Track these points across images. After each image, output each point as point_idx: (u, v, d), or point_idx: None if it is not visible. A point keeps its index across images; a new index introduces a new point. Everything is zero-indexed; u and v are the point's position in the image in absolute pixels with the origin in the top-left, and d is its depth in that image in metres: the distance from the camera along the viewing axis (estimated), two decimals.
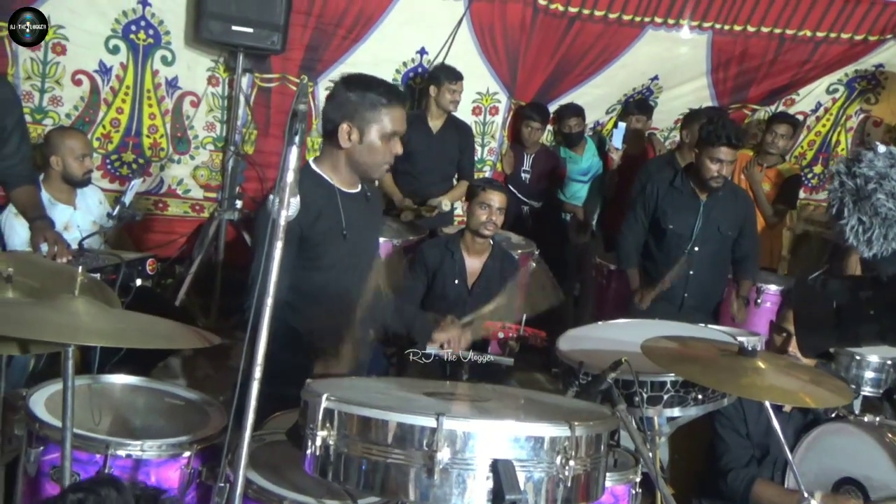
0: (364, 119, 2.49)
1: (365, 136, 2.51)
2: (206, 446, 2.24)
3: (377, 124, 2.50)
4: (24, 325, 1.84)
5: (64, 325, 1.82)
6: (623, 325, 3.34)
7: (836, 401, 2.32)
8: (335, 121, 2.51)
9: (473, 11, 5.34)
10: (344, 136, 2.51)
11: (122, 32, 4.83)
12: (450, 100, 5.09)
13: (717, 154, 4.13)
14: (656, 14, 5.62)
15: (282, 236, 1.73)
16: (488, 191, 3.99)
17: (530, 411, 1.98)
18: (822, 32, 5.84)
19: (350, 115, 2.49)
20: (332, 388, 1.80)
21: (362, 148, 2.52)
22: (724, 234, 4.36)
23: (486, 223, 3.96)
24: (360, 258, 2.65)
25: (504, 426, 1.61)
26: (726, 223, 4.35)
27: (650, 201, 4.42)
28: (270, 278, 1.71)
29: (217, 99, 5.16)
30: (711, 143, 4.12)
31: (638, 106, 5.94)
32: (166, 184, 5.20)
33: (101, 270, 3.30)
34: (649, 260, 4.48)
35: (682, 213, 4.33)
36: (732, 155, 4.14)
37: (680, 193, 4.35)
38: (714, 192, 4.27)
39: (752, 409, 2.91)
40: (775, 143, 5.47)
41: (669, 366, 2.40)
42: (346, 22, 5.15)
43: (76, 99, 4.85)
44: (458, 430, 1.59)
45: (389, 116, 2.50)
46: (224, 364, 4.56)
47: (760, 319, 4.67)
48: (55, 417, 2.17)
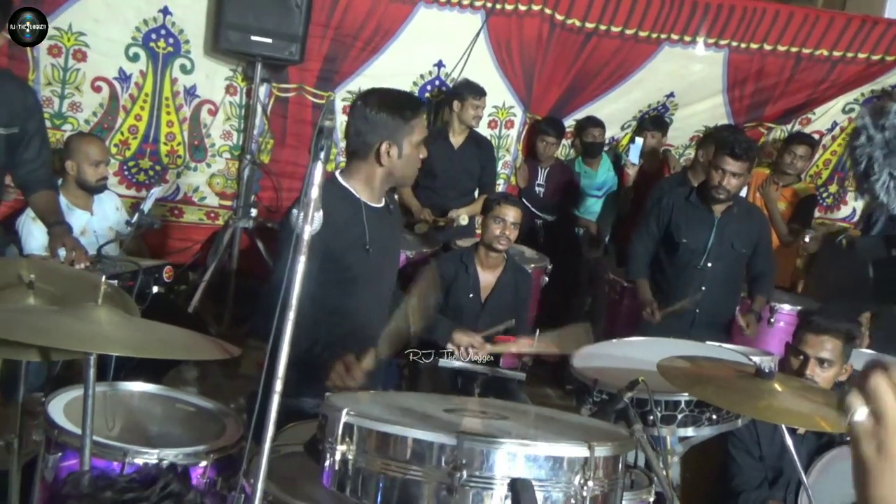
0: (399, 135, 2.56)
1: (403, 150, 2.58)
2: (222, 456, 2.25)
3: (408, 136, 2.58)
4: (48, 334, 1.86)
5: (87, 334, 1.84)
6: (637, 343, 3.34)
7: None
8: (372, 142, 2.57)
9: (491, 25, 5.37)
10: (385, 156, 2.57)
11: (142, 40, 4.87)
12: (473, 115, 5.12)
13: (721, 162, 4.13)
14: (673, 31, 5.64)
15: (305, 251, 1.75)
16: (503, 205, 4.00)
17: (548, 430, 1.99)
18: (839, 52, 5.85)
19: (388, 134, 2.56)
20: (351, 402, 1.81)
21: (401, 162, 2.60)
22: (737, 250, 4.36)
23: (500, 237, 3.97)
24: (382, 272, 2.68)
25: (523, 446, 1.62)
26: (740, 240, 4.35)
27: (664, 214, 4.43)
28: (293, 292, 1.73)
29: (234, 108, 5.20)
30: (717, 150, 4.21)
31: (653, 122, 5.95)
32: (182, 191, 5.24)
33: (118, 277, 3.32)
34: (661, 274, 4.47)
35: (695, 227, 4.33)
36: (736, 167, 4.11)
37: (695, 208, 4.35)
38: (728, 209, 4.27)
39: (766, 431, 2.91)
40: (793, 164, 5.46)
41: (686, 386, 2.40)
42: (363, 34, 5.19)
43: (95, 105, 4.89)
44: (477, 448, 1.59)
45: (417, 127, 2.60)
46: (235, 372, 4.58)
47: (773, 339, 4.66)
48: (74, 424, 2.19)
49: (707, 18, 5.61)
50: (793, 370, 2.94)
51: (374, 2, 5.12)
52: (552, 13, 5.40)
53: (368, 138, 2.56)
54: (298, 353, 1.83)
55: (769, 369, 2.35)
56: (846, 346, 2.96)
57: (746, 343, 4.17)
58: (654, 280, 4.47)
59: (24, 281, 2.39)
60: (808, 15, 5.82)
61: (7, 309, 2.21)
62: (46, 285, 2.45)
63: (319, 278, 2.45)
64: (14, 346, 2.08)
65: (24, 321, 1.97)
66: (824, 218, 6.50)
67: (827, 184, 6.51)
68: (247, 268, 5.19)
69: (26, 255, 3.85)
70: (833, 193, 6.54)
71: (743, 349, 3.47)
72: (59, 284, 2.49)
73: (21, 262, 2.62)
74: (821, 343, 2.92)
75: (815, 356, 2.92)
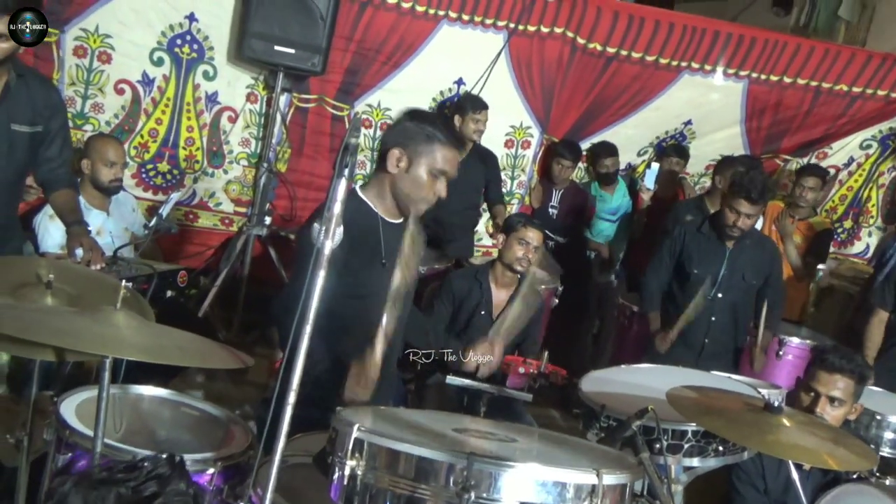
0: (416, 150, 2.54)
1: (413, 166, 2.54)
2: (229, 464, 2.27)
3: (427, 157, 2.54)
4: (67, 335, 1.88)
5: (105, 337, 1.86)
6: (647, 370, 3.36)
7: (860, 464, 2.32)
8: (388, 145, 2.56)
9: (512, 45, 5.41)
10: (393, 161, 2.55)
11: (167, 45, 4.93)
12: (473, 129, 5.12)
13: (737, 205, 4.16)
14: (693, 59, 5.67)
15: (325, 265, 1.77)
16: (528, 227, 4.06)
17: (557, 455, 2.00)
18: (859, 88, 5.87)
19: (404, 142, 2.54)
20: (363, 418, 1.83)
21: (408, 177, 2.56)
22: (748, 282, 4.38)
23: (522, 259, 4.02)
24: None
25: (532, 470, 1.63)
26: (751, 272, 4.37)
27: (677, 244, 4.45)
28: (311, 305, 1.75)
29: (254, 116, 5.24)
30: (733, 192, 4.19)
31: (676, 150, 5.96)
32: (198, 196, 5.28)
33: (133, 280, 3.35)
34: (671, 303, 4.48)
35: (707, 258, 4.35)
36: (751, 209, 4.15)
37: (707, 239, 4.38)
38: (740, 241, 4.29)
39: (772, 465, 2.90)
40: (804, 196, 5.47)
41: (694, 417, 2.40)
42: (386, 48, 5.23)
43: (117, 107, 4.94)
44: (486, 470, 1.61)
45: (442, 154, 2.54)
46: (242, 378, 4.60)
47: (781, 371, 4.66)
48: (85, 425, 2.21)
49: (727, 48, 5.64)
50: (803, 406, 2.94)
51: (397, 17, 5.17)
52: (574, 36, 5.43)
53: (388, 140, 2.57)
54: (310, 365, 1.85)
55: (778, 404, 2.36)
56: (858, 385, 2.96)
57: (754, 375, 4.17)
58: (664, 309, 4.48)
59: (43, 280, 2.42)
60: (829, 50, 5.85)
61: (26, 308, 2.24)
62: (64, 285, 2.48)
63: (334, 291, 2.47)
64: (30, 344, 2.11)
65: (42, 321, 1.99)
66: (838, 253, 6.50)
67: (842, 219, 6.51)
68: (258, 275, 5.22)
69: (42, 252, 3.89)
70: (847, 229, 6.54)
71: (751, 381, 3.47)
72: (77, 285, 2.51)
73: (40, 262, 2.64)
74: (833, 382, 2.91)
75: (826, 394, 2.91)
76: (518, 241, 4.03)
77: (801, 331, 5.03)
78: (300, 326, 1.75)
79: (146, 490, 1.18)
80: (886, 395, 3.83)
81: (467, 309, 4.06)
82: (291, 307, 1.82)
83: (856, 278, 6.04)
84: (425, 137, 2.53)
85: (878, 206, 6.41)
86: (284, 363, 1.76)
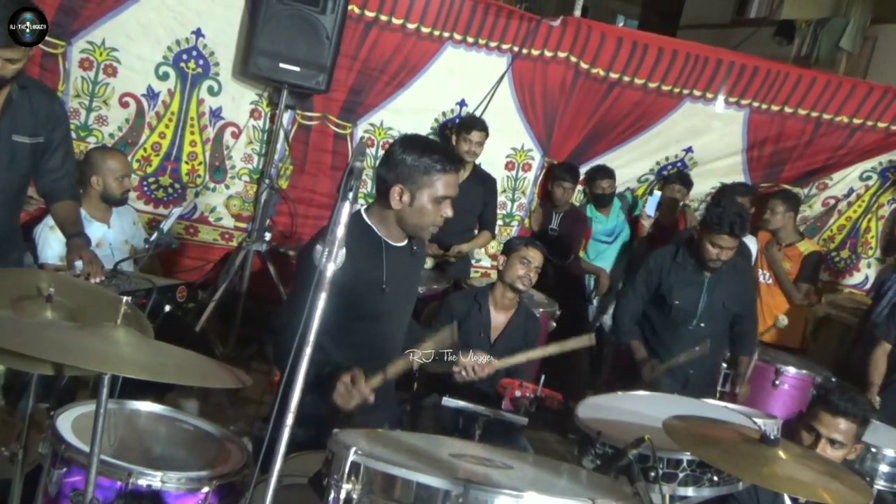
0: (416, 183, 2.53)
1: (416, 199, 2.55)
2: (224, 483, 2.26)
3: (429, 189, 2.54)
4: (67, 351, 1.89)
5: (105, 354, 1.87)
6: (644, 397, 3.36)
7: (856, 499, 2.31)
8: (388, 182, 2.56)
9: (516, 68, 5.45)
10: (395, 198, 2.55)
11: (173, 60, 4.96)
12: (465, 150, 5.14)
13: (718, 241, 4.16)
14: (695, 87, 5.71)
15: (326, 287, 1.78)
16: (530, 248, 4.10)
17: (553, 483, 2.00)
18: (859, 119, 5.92)
19: (404, 178, 2.54)
20: (359, 440, 1.83)
21: (412, 211, 2.56)
22: (728, 309, 4.38)
23: (523, 278, 4.05)
24: (397, 310, 2.69)
25: (528, 498, 1.63)
26: (729, 299, 4.37)
27: (654, 276, 4.42)
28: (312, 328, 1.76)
29: (258, 132, 5.27)
30: (713, 229, 4.15)
31: (680, 177, 5.98)
32: (199, 210, 5.29)
33: (132, 294, 3.34)
34: (654, 336, 4.45)
35: (686, 288, 4.34)
36: (731, 243, 4.16)
37: (683, 269, 4.36)
38: (717, 269, 4.30)
39: (767, 497, 2.89)
40: (770, 221, 5.47)
41: (691, 447, 2.41)
42: (390, 68, 5.27)
43: (121, 120, 4.97)
44: (482, 497, 1.61)
45: (442, 182, 2.54)
46: (238, 395, 4.59)
47: (777, 401, 4.66)
48: (81, 440, 2.21)
49: (729, 77, 5.68)
50: (803, 444, 2.90)
51: (402, 38, 5.21)
52: (577, 61, 5.48)
53: (387, 177, 2.57)
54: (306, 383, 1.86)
55: (774, 436, 2.36)
56: (860, 428, 2.93)
57: (748, 404, 4.17)
58: (645, 341, 4.44)
59: (43, 294, 2.42)
60: (830, 81, 5.90)
61: (25, 322, 2.24)
62: (64, 299, 2.48)
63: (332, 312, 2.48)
64: (28, 358, 2.11)
65: (42, 336, 2.00)
66: (836, 283, 6.52)
67: (839, 248, 6.54)
68: (257, 291, 5.22)
69: (41, 264, 3.90)
70: (845, 259, 6.56)
71: (747, 411, 3.48)
72: (77, 298, 2.52)
73: (41, 275, 2.64)
74: (836, 424, 2.87)
75: (828, 436, 2.87)
76: (520, 259, 4.05)
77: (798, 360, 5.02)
78: (300, 348, 1.76)
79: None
80: (883, 427, 3.83)
81: (465, 331, 4.06)
82: (287, 326, 1.83)
83: (854, 309, 6.06)
84: (423, 170, 2.53)
85: (877, 237, 6.44)
86: (283, 384, 1.77)
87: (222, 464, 2.34)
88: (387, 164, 2.58)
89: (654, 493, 2.48)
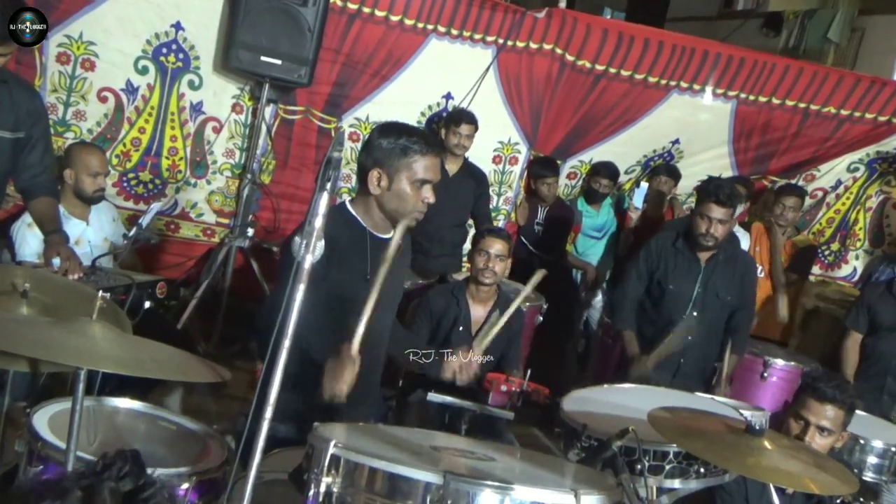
0: (393, 166, 2.54)
1: (394, 182, 2.55)
2: (204, 479, 2.26)
3: (407, 171, 2.54)
4: (42, 346, 1.88)
5: (81, 349, 1.86)
6: (629, 390, 3.37)
7: (841, 489, 2.34)
8: (366, 167, 2.57)
9: (501, 61, 5.45)
10: (374, 183, 2.56)
11: (152, 54, 4.93)
12: (454, 143, 5.13)
13: (706, 210, 4.18)
14: (682, 79, 5.72)
15: (305, 279, 1.78)
16: (487, 237, 4.04)
17: (535, 475, 2.01)
18: (847, 111, 5.94)
19: (380, 161, 2.54)
20: (340, 434, 1.83)
21: (391, 195, 2.56)
22: (722, 300, 4.37)
23: (484, 270, 4.00)
24: (382, 303, 2.66)
25: (510, 490, 1.64)
26: (725, 289, 4.36)
27: (653, 258, 4.44)
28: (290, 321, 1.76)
29: (239, 126, 5.25)
30: (701, 198, 4.24)
31: (668, 169, 6.00)
32: (180, 206, 5.27)
33: (111, 290, 3.34)
34: (646, 321, 4.45)
35: (682, 274, 4.35)
36: (721, 213, 4.15)
37: (681, 255, 4.37)
38: (714, 257, 4.30)
39: (756, 488, 2.91)
40: (784, 216, 5.52)
41: (675, 438, 2.42)
42: (374, 62, 5.26)
43: (100, 115, 4.94)
44: (464, 489, 1.62)
45: (420, 164, 2.54)
46: (222, 392, 4.58)
47: (766, 394, 4.68)
48: (58, 437, 2.20)
49: (717, 68, 5.70)
50: (792, 434, 2.92)
51: (386, 30, 5.20)
52: (563, 53, 5.48)
53: (365, 163, 2.58)
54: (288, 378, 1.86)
55: (759, 426, 2.37)
56: (847, 415, 2.95)
57: (737, 397, 4.18)
58: (639, 329, 4.44)
59: (19, 290, 2.41)
60: (818, 72, 5.92)
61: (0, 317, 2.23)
62: (40, 295, 2.47)
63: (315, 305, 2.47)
64: (3, 354, 2.10)
65: (17, 331, 1.99)
66: (825, 276, 6.55)
67: (829, 242, 6.56)
68: (239, 288, 5.21)
69: (18, 261, 3.87)
70: (835, 251, 6.59)
71: (734, 403, 3.48)
72: (53, 294, 2.51)
73: (16, 271, 2.63)
74: (823, 411, 2.90)
75: (816, 424, 2.90)
76: (479, 252, 4.01)
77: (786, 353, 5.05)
78: (279, 340, 1.75)
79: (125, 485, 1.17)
80: (870, 418, 3.86)
81: (445, 326, 4.06)
82: (271, 319, 1.82)
83: (842, 301, 6.09)
84: (400, 152, 2.53)
85: (865, 229, 6.48)
86: (262, 378, 1.76)
87: (203, 460, 2.34)
88: (365, 150, 2.59)
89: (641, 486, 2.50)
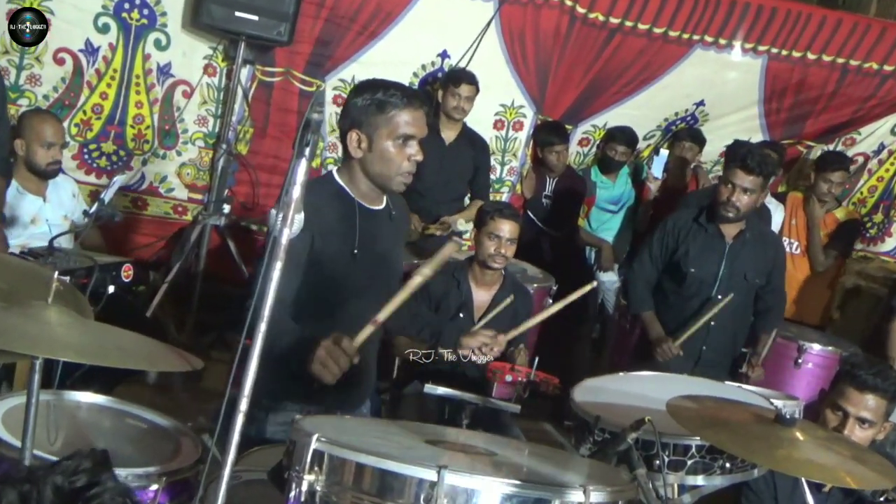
0: (372, 124, 2.53)
1: (374, 142, 2.54)
2: (175, 480, 2.27)
3: (386, 127, 2.52)
4: None
5: (35, 335, 1.85)
6: (647, 378, 3.37)
7: (881, 482, 2.34)
8: (343, 129, 2.57)
9: (503, 15, 5.42)
10: (353, 145, 2.56)
11: (113, 10, 4.91)
12: (452, 105, 5.12)
13: (731, 176, 4.16)
14: (707, 32, 5.70)
15: (283, 255, 1.77)
16: (497, 219, 3.99)
17: (540, 470, 2.01)
18: (890, 66, 5.91)
19: (357, 121, 2.54)
20: (324, 427, 1.83)
21: (373, 156, 2.56)
22: (750, 282, 4.36)
23: (495, 255, 3.98)
24: (373, 280, 2.65)
25: (511, 486, 1.64)
26: (753, 270, 4.35)
27: (670, 239, 4.42)
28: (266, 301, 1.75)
29: (212, 91, 5.24)
30: (727, 163, 4.23)
31: (690, 134, 5.98)
32: (148, 180, 5.27)
33: (71, 273, 3.35)
34: (665, 306, 4.46)
35: (705, 255, 4.34)
36: (748, 181, 4.12)
37: (704, 232, 4.35)
38: (741, 234, 4.29)
39: (785, 485, 2.92)
40: (831, 192, 5.50)
41: (697, 429, 2.42)
42: (361, 17, 5.24)
43: (56, 79, 4.92)
44: (460, 485, 1.62)
45: (400, 118, 2.52)
46: (196, 385, 4.60)
47: (800, 381, 4.69)
48: (13, 436, 2.21)
49: (745, 20, 5.67)
50: (829, 426, 2.92)
51: None
52: (573, 5, 5.46)
53: (342, 125, 2.58)
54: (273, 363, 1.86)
55: (790, 415, 2.37)
56: (890, 404, 2.94)
57: (768, 385, 4.19)
58: (658, 313, 4.45)
59: None
60: (858, 23, 5.89)
61: None
62: None
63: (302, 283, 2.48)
64: None
65: None
66: (866, 251, 6.52)
67: (871, 213, 6.52)
68: (215, 270, 5.22)
69: None
70: (878, 224, 6.53)
71: (764, 391, 3.49)
72: (7, 279, 2.50)
73: None
74: (864, 401, 2.87)
75: (856, 415, 2.88)
76: (488, 235, 3.98)
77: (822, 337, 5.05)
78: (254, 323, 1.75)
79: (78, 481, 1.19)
80: None
81: (446, 311, 4.02)
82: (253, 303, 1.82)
83: (886, 279, 6.09)
84: (376, 108, 2.52)
85: None
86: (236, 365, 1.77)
87: (173, 459, 2.35)
88: (343, 113, 2.59)
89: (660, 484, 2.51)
